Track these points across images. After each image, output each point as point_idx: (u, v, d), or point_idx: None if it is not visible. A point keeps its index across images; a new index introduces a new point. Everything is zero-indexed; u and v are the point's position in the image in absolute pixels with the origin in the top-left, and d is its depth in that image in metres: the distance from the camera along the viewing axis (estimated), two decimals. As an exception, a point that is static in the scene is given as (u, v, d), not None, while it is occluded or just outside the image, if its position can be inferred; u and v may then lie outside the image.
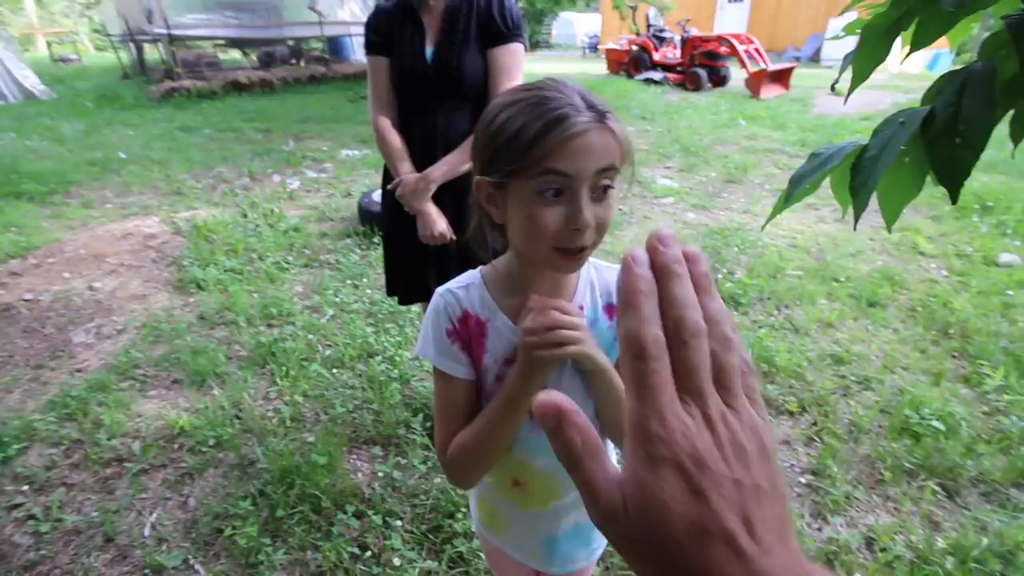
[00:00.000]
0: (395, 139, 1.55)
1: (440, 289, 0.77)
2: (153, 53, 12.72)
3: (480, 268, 0.78)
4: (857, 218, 0.60)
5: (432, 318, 0.76)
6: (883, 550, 1.62)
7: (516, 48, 1.53)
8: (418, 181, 1.50)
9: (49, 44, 21.26)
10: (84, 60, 18.72)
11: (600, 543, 0.94)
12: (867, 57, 0.59)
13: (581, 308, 0.74)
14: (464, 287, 0.77)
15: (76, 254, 3.54)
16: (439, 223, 1.52)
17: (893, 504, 1.79)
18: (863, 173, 0.60)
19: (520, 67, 1.54)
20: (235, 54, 14.61)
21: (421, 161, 1.55)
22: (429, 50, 1.49)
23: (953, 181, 0.56)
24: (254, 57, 13.72)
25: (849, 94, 0.65)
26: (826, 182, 0.72)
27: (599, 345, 0.72)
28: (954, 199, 0.57)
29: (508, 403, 0.70)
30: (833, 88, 10.63)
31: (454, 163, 1.51)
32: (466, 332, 0.75)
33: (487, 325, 0.74)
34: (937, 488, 1.83)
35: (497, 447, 0.73)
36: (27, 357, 2.53)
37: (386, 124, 1.56)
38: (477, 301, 0.75)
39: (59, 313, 2.88)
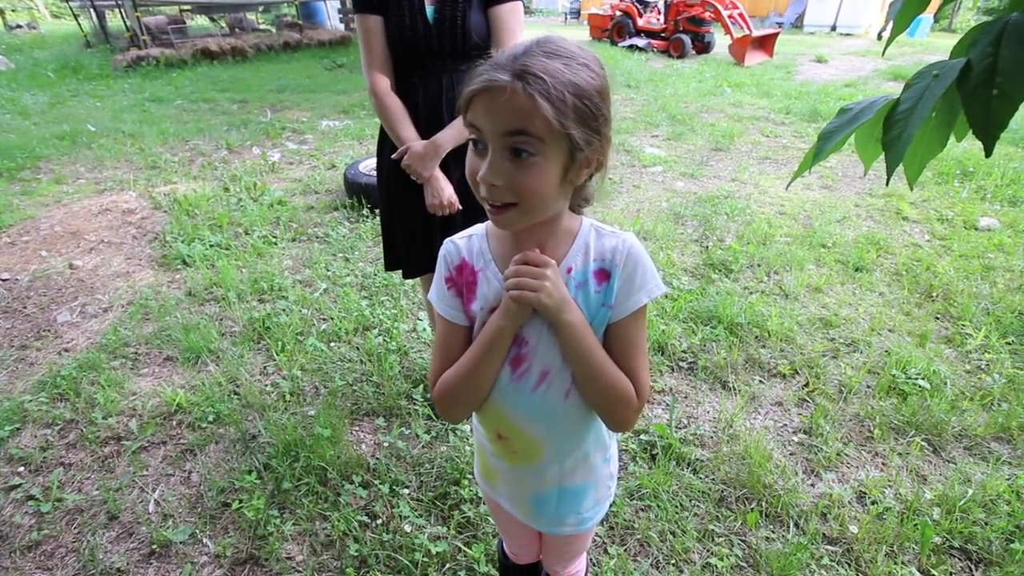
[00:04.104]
0: (395, 103, 1.48)
1: (447, 239, 0.83)
2: (115, 20, 12.12)
3: (487, 222, 0.81)
4: (890, 174, 0.60)
5: (438, 266, 0.83)
6: (874, 503, 1.69)
7: (517, 6, 1.48)
8: (427, 147, 1.45)
9: (2, 11, 20.09)
10: (42, 28, 17.75)
11: (593, 512, 0.95)
12: (909, 7, 0.59)
13: (570, 269, 0.75)
14: (467, 237, 0.82)
15: (52, 232, 3.42)
16: (447, 190, 1.49)
17: (882, 460, 1.86)
18: (897, 127, 0.59)
19: (522, 26, 1.49)
20: (202, 20, 14.02)
21: (426, 126, 1.49)
22: (430, 9, 1.43)
23: (989, 133, 0.56)
24: (223, 24, 13.18)
25: (888, 44, 0.65)
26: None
27: (585, 307, 0.75)
28: (988, 152, 0.57)
29: (485, 344, 0.76)
30: (880, 36, 11.34)
31: (462, 127, 1.46)
32: (461, 280, 0.80)
33: (479, 274, 0.78)
34: (923, 443, 1.90)
35: (475, 386, 0.79)
36: (10, 338, 2.46)
37: (385, 87, 1.48)
38: (475, 251, 0.80)
39: (40, 292, 2.80)
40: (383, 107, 1.49)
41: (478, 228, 0.83)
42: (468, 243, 0.81)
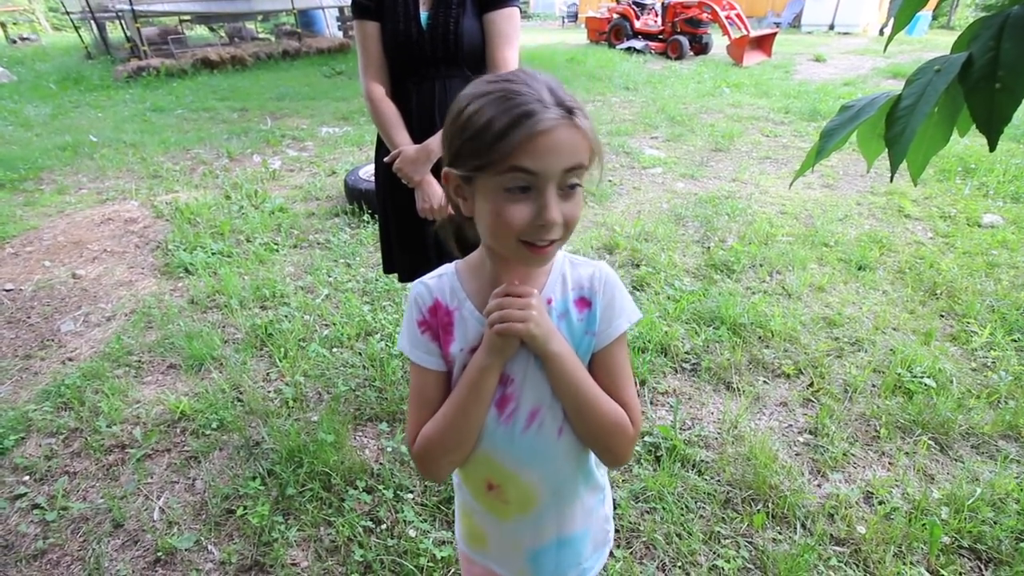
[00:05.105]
0: (389, 108, 1.49)
1: (415, 281, 0.78)
2: (115, 31, 12.20)
3: (456, 261, 0.78)
4: (894, 170, 0.60)
5: (407, 311, 0.77)
6: (881, 503, 1.68)
7: (513, 12, 1.48)
8: (419, 152, 1.46)
9: (3, 24, 20.24)
10: (43, 40, 17.88)
11: (594, 561, 0.90)
12: (910, 2, 0.59)
13: (550, 301, 0.74)
14: (437, 277, 0.77)
15: (55, 242, 3.43)
16: (438, 194, 1.49)
17: (889, 459, 1.85)
18: (900, 123, 0.59)
19: (518, 32, 1.49)
20: (201, 30, 14.09)
21: (420, 131, 1.50)
22: (424, 15, 1.43)
23: (992, 128, 0.56)
24: (223, 33, 13.25)
25: (890, 39, 0.65)
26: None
27: (569, 337, 0.73)
28: (992, 146, 0.57)
29: (470, 386, 0.71)
30: (882, 32, 12.11)
31: None
32: (435, 321, 0.75)
33: (455, 314, 0.74)
34: (930, 442, 1.89)
35: (462, 436, 0.73)
36: (14, 348, 2.46)
37: (379, 93, 1.50)
38: (448, 291, 0.75)
39: (43, 302, 2.80)
40: (377, 112, 1.50)
41: (446, 268, 0.78)
42: (439, 283, 0.76)
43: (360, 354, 2.35)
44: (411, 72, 1.51)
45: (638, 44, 11.60)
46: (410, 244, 1.68)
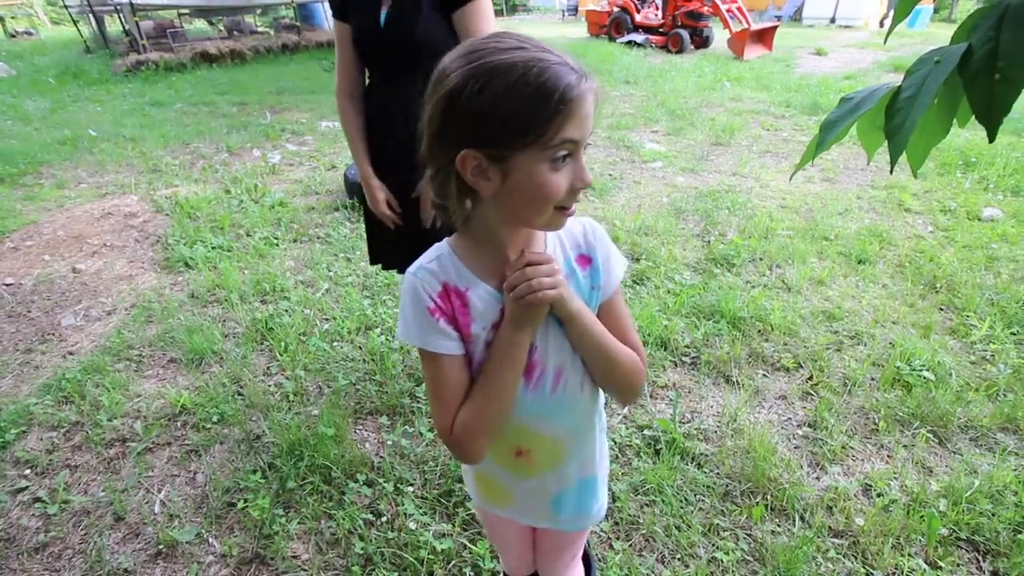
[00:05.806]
0: (352, 129, 1.55)
1: (411, 269, 0.74)
2: (114, 25, 12.15)
3: (445, 240, 0.76)
4: (894, 161, 0.60)
5: (411, 300, 0.72)
6: (879, 495, 1.69)
7: (480, 6, 1.41)
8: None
9: (2, 19, 20.15)
10: (41, 34, 17.81)
11: (603, 491, 0.94)
12: (911, -8, 0.59)
13: None
14: (435, 260, 0.74)
15: (55, 236, 3.43)
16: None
17: (887, 452, 1.86)
18: (900, 114, 0.59)
19: (491, 24, 1.42)
20: (200, 24, 14.02)
21: (383, 132, 1.53)
22: (384, 13, 1.42)
23: (991, 119, 0.56)
24: (221, 27, 13.19)
25: (891, 31, 0.65)
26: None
27: (578, 294, 0.75)
28: (991, 137, 0.57)
29: (503, 361, 0.72)
30: (882, 23, 12.63)
31: None
32: (449, 305, 0.72)
33: (468, 294, 0.73)
34: (929, 435, 1.89)
35: (501, 412, 0.73)
36: (15, 342, 2.47)
37: (346, 108, 1.56)
38: (453, 272, 0.73)
39: (44, 296, 2.81)
40: (341, 114, 1.57)
41: (440, 249, 0.75)
42: (439, 265, 0.73)
43: (360, 348, 2.35)
44: (378, 71, 1.54)
45: (639, 38, 11.56)
46: (388, 235, 1.71)
